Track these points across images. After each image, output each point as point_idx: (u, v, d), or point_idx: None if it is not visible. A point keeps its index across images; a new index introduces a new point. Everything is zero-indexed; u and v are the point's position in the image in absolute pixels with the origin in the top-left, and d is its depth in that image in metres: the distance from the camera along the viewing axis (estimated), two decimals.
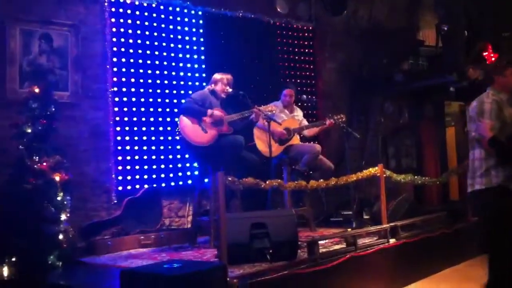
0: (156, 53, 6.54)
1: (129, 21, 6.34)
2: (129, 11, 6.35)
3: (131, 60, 6.32)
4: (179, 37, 6.78)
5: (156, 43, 6.55)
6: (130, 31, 6.34)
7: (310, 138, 6.55)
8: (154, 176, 6.36)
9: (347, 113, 7.14)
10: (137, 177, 6.22)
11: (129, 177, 6.16)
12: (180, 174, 6.59)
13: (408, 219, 6.08)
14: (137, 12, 6.42)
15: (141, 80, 6.37)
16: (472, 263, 6.57)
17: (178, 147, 6.49)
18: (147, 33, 6.48)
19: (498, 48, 8.53)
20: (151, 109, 6.42)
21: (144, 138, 6.33)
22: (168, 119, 6.52)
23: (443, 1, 9.07)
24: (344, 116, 6.33)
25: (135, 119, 6.28)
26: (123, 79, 6.24)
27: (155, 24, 6.56)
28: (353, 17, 8.85)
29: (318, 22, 8.31)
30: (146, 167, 6.31)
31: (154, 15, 6.57)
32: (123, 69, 6.24)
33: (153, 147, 6.39)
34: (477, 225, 6.93)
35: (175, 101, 6.59)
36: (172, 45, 6.69)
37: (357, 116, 8.64)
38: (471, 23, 8.39)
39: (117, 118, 6.14)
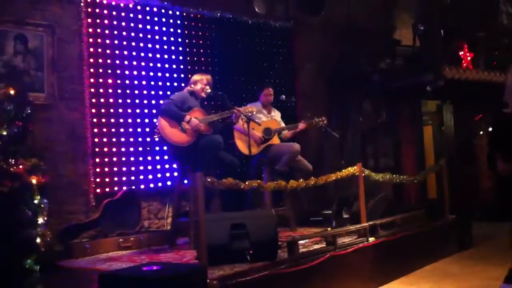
0: (134, 53, 6.49)
1: (106, 22, 6.28)
2: (105, 12, 6.29)
3: (108, 61, 6.26)
4: (157, 37, 6.73)
5: (133, 44, 6.50)
6: (107, 31, 6.28)
7: (288, 139, 6.55)
8: (132, 177, 6.31)
9: (325, 113, 7.17)
10: (116, 179, 6.17)
11: (107, 179, 6.10)
12: (159, 175, 6.55)
13: (387, 218, 6.13)
14: (114, 13, 6.36)
15: (119, 81, 6.32)
16: (451, 260, 6.66)
17: (157, 148, 6.45)
18: (124, 33, 6.43)
19: (474, 47, 8.65)
20: (129, 110, 6.37)
21: (122, 139, 6.27)
22: (147, 120, 6.47)
23: (419, 1, 9.16)
24: (325, 118, 6.36)
25: (112, 120, 6.22)
26: (100, 80, 6.18)
27: (132, 25, 6.51)
28: (330, 17, 8.89)
29: (296, 22, 8.33)
30: (124, 169, 6.25)
31: (132, 15, 6.52)
32: (100, 70, 6.18)
33: (132, 149, 6.34)
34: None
35: (153, 102, 6.55)
36: (150, 45, 6.65)
37: (336, 115, 8.67)
38: (447, 23, 8.48)
39: (95, 120, 6.08)
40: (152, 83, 6.62)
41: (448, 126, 8.15)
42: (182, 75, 6.84)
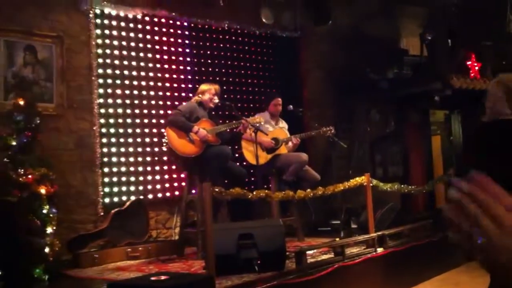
0: (142, 64, 6.52)
1: (115, 32, 6.33)
2: (114, 23, 6.33)
3: (117, 71, 6.30)
4: (165, 48, 6.77)
5: (141, 55, 6.54)
6: (115, 42, 6.33)
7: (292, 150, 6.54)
8: (140, 187, 6.32)
9: (333, 122, 7.17)
10: (124, 188, 6.19)
11: (115, 189, 6.12)
12: (167, 185, 6.56)
13: (395, 228, 6.10)
14: (123, 24, 6.40)
15: (127, 92, 6.35)
16: (460, 270, 6.61)
17: (165, 158, 6.47)
18: (132, 44, 6.47)
19: (481, 56, 8.64)
20: (137, 121, 6.40)
21: (131, 149, 6.30)
22: (155, 130, 6.50)
23: (426, 11, 9.17)
24: (333, 128, 6.34)
25: (121, 130, 6.25)
26: (109, 91, 6.21)
27: (140, 36, 6.55)
28: (337, 26, 8.91)
29: (303, 32, 8.35)
30: (132, 178, 6.27)
31: (140, 26, 6.56)
32: (109, 81, 6.22)
33: (140, 159, 6.36)
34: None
35: (161, 112, 6.58)
36: (158, 56, 6.69)
37: (344, 124, 8.67)
38: (454, 32, 8.48)
39: (103, 130, 6.11)
40: (160, 93, 6.64)
41: (456, 135, 8.13)
42: (189, 85, 6.86)
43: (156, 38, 6.70)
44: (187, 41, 6.99)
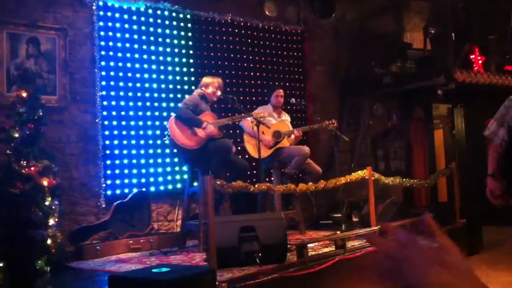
0: (145, 56, 6.52)
1: (118, 25, 6.33)
2: (117, 15, 6.33)
3: (120, 64, 6.30)
4: (168, 40, 6.77)
5: (144, 47, 6.53)
6: (118, 34, 6.33)
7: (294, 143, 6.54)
8: (143, 180, 6.34)
9: (336, 116, 7.17)
10: (126, 181, 6.21)
11: (118, 181, 6.14)
12: (169, 178, 6.58)
13: (397, 221, 6.10)
14: (126, 16, 6.40)
15: (130, 84, 6.36)
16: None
17: (167, 150, 6.48)
18: (135, 36, 6.47)
19: (485, 50, 8.61)
20: (140, 113, 6.40)
21: (133, 142, 6.31)
22: (157, 123, 6.51)
23: (431, 5, 9.14)
24: (335, 121, 6.32)
25: (123, 123, 6.26)
26: (112, 83, 6.22)
27: (143, 28, 6.55)
28: (341, 20, 8.89)
29: (307, 25, 8.34)
30: (135, 171, 6.29)
31: (143, 18, 6.55)
32: (112, 73, 6.22)
33: (142, 151, 6.37)
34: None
35: (164, 104, 6.58)
36: (160, 48, 6.68)
37: (347, 118, 8.67)
38: (458, 26, 8.46)
39: (106, 122, 6.12)
40: (163, 86, 6.65)
41: (459, 129, 8.11)
42: (192, 78, 6.86)
43: (159, 30, 6.70)
44: (190, 34, 6.98)
